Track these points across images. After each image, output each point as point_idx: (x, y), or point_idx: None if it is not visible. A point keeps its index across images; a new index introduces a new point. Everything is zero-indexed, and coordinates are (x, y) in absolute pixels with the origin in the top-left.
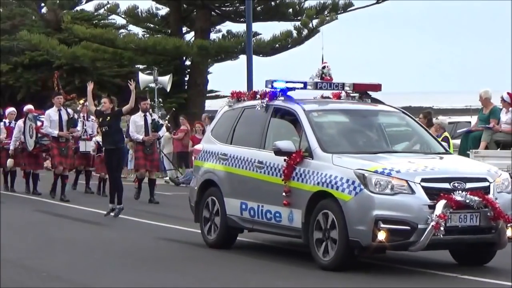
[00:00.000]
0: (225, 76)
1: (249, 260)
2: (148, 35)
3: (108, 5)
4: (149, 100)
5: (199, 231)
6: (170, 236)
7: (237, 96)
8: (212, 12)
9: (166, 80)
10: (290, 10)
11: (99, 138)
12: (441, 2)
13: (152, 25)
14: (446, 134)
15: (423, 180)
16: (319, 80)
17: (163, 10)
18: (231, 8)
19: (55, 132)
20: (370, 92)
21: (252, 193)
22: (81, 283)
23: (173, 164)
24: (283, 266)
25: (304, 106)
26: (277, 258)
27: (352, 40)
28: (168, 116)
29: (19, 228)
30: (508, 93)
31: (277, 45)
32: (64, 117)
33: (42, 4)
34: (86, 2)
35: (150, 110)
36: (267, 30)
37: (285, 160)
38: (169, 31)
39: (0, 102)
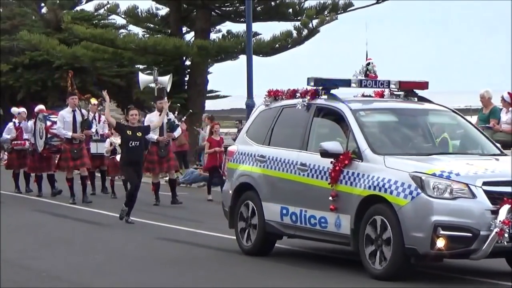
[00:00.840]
0: (225, 76)
1: (249, 261)
2: (148, 35)
3: (108, 5)
4: (166, 99)
5: (199, 231)
6: (170, 236)
7: (274, 95)
8: (212, 12)
9: (166, 80)
10: (290, 10)
11: (115, 139)
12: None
13: (152, 25)
14: (445, 135)
15: (485, 183)
16: (364, 78)
17: (163, 10)
18: (231, 8)
19: (69, 134)
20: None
21: (294, 198)
22: (81, 283)
23: None
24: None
25: (350, 105)
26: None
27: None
28: (185, 117)
29: (19, 228)
30: (508, 92)
31: (277, 45)
32: (78, 118)
33: (42, 4)
34: (86, 2)
35: (167, 109)
36: (267, 30)
37: (332, 162)
38: (169, 31)
39: (0, 102)
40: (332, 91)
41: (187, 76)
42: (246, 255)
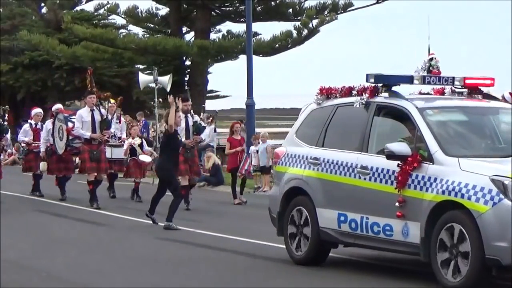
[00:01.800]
0: (225, 76)
1: (249, 261)
2: (148, 35)
3: (108, 5)
4: (190, 101)
5: (199, 231)
6: (170, 236)
7: (326, 93)
8: (212, 12)
9: (166, 80)
10: (290, 10)
11: (131, 140)
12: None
13: (152, 25)
14: None
15: None
16: (426, 74)
17: (163, 10)
18: (231, 8)
19: (87, 134)
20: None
21: (354, 203)
22: (81, 283)
23: None
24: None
25: (415, 103)
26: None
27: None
28: (211, 117)
29: (19, 228)
30: (510, 92)
31: (277, 45)
32: (97, 118)
33: (42, 4)
34: (86, 2)
35: (192, 111)
36: (267, 30)
37: (398, 165)
38: (169, 31)
39: (0, 102)
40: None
41: (187, 76)
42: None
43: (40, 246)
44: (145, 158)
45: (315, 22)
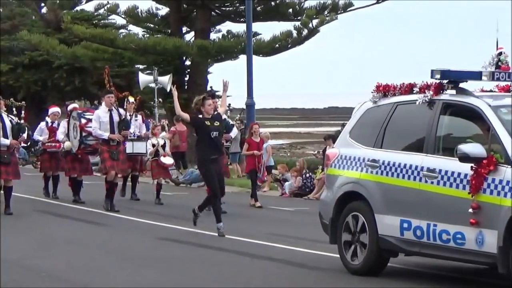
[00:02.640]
0: (225, 76)
1: (250, 261)
2: (148, 35)
3: (108, 5)
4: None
5: (199, 231)
6: (170, 236)
7: (383, 90)
8: (212, 12)
9: (166, 80)
10: (290, 10)
11: (155, 141)
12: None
13: (152, 25)
14: None
15: None
16: (495, 70)
17: (163, 10)
18: (231, 8)
19: (106, 135)
20: None
21: (419, 209)
22: (81, 283)
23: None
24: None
25: (486, 100)
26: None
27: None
28: (240, 115)
29: (19, 228)
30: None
31: (277, 45)
32: (116, 118)
33: (42, 4)
34: (86, 2)
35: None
36: (267, 30)
37: (472, 168)
38: (169, 31)
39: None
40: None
41: (187, 76)
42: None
43: (40, 246)
44: (167, 160)
45: (315, 22)
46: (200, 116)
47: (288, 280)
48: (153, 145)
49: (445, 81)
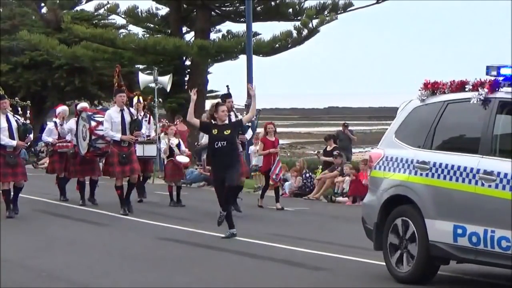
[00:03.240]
0: (225, 76)
1: (249, 261)
2: (148, 35)
3: (108, 5)
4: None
5: (199, 231)
6: (170, 236)
7: (432, 88)
8: (212, 12)
9: (166, 80)
10: (290, 10)
11: (172, 140)
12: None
13: (152, 25)
14: None
15: None
16: None
17: (163, 10)
18: (231, 8)
19: (118, 136)
20: None
21: (474, 214)
22: (81, 283)
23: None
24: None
25: None
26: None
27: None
28: (258, 114)
29: (19, 228)
30: None
31: (277, 45)
32: (127, 118)
33: (42, 4)
34: (86, 2)
35: (235, 109)
36: (267, 30)
37: None
38: (169, 31)
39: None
40: None
41: (187, 76)
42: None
43: (40, 246)
44: (182, 158)
45: (315, 22)
46: (214, 122)
47: (288, 280)
48: (169, 146)
49: (500, 78)
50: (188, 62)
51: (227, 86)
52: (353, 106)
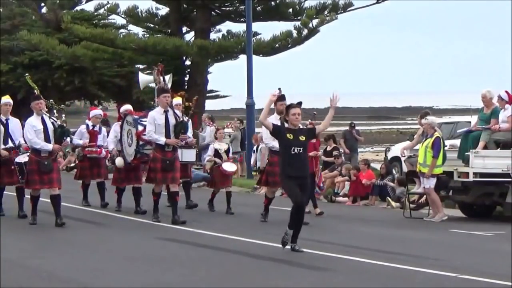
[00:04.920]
0: (225, 76)
1: (249, 261)
2: (148, 35)
3: (108, 5)
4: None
5: (199, 231)
6: (170, 236)
7: None
8: (212, 12)
9: (166, 80)
10: (290, 10)
11: (218, 145)
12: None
13: (152, 25)
14: (438, 134)
15: None
16: None
17: (163, 10)
18: (231, 8)
19: (162, 140)
20: None
21: None
22: (81, 283)
23: None
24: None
25: None
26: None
27: (352, 39)
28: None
29: (19, 228)
30: (505, 91)
31: (277, 45)
32: (172, 121)
33: (42, 4)
34: (86, 2)
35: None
36: (267, 30)
37: None
38: (169, 31)
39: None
40: None
41: (187, 76)
42: None
43: (40, 246)
44: (228, 166)
45: (315, 22)
46: (287, 126)
47: (288, 280)
48: (216, 150)
49: None
50: (188, 62)
51: (279, 88)
52: (353, 106)
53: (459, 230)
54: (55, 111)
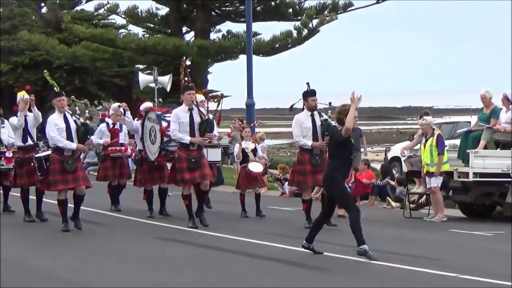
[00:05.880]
0: (225, 76)
1: (249, 261)
2: (148, 35)
3: (108, 5)
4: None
5: (199, 231)
6: (170, 236)
7: None
8: (212, 12)
9: (166, 80)
10: (290, 10)
11: (245, 144)
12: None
13: (152, 25)
14: (438, 132)
15: None
16: None
17: (163, 10)
18: (231, 8)
19: (187, 139)
20: None
21: None
22: (81, 283)
23: None
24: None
25: None
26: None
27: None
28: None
29: (19, 228)
30: None
31: (277, 45)
32: (196, 119)
33: (42, 4)
34: (86, 2)
35: (318, 109)
36: (267, 30)
37: None
38: (169, 31)
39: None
40: None
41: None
42: None
43: (40, 246)
44: (255, 167)
45: (315, 22)
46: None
47: (288, 280)
48: (243, 150)
49: None
50: (188, 62)
51: (308, 83)
52: None
53: (459, 230)
54: (77, 108)
